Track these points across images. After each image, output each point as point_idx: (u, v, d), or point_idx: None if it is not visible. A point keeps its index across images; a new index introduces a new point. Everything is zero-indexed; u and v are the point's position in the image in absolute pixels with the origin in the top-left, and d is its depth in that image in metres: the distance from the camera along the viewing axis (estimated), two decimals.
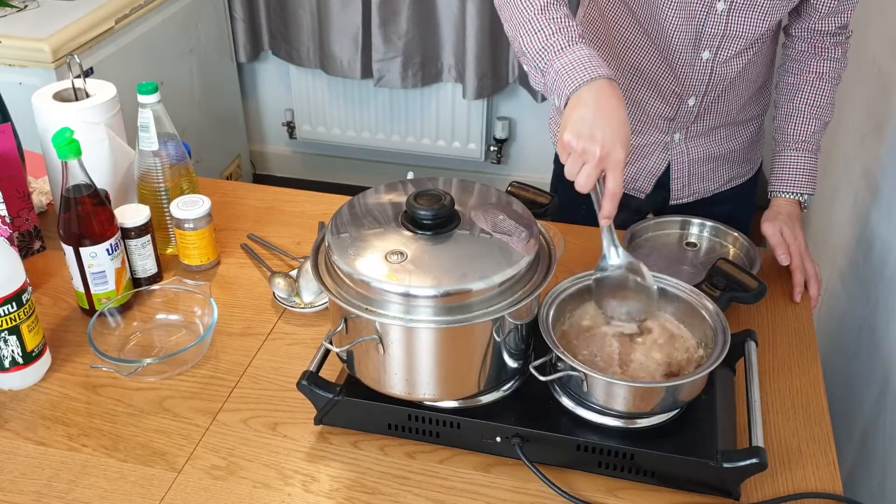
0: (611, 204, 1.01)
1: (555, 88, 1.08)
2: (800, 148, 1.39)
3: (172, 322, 1.26)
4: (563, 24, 1.10)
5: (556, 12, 1.11)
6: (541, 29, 1.10)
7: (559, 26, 1.10)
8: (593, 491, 1.00)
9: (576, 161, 1.02)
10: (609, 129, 1.01)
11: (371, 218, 1.02)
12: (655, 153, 1.47)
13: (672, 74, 1.37)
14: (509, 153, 3.08)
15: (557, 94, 1.07)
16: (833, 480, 1.02)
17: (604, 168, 1.01)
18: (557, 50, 1.08)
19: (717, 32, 1.29)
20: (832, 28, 1.36)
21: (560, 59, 1.07)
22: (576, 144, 1.01)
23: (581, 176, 1.02)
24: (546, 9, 1.11)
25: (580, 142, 1.00)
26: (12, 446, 1.07)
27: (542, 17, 1.11)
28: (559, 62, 1.07)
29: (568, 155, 1.03)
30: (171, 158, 1.35)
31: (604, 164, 1.00)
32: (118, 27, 2.23)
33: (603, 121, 1.01)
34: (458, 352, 0.99)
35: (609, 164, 1.00)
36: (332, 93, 3.00)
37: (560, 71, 1.07)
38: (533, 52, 1.11)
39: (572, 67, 1.06)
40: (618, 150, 1.00)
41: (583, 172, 1.01)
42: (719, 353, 0.98)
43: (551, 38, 1.09)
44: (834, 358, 1.68)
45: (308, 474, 1.03)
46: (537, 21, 1.11)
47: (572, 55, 1.07)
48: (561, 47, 1.08)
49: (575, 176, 1.02)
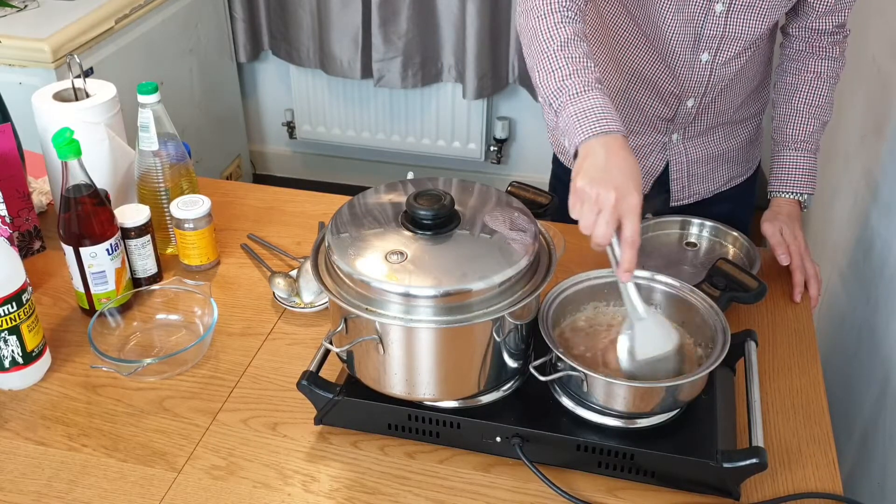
0: (630, 254, 0.97)
1: (566, 133, 1.06)
2: (799, 148, 1.39)
3: (172, 322, 1.26)
4: (580, 66, 1.07)
5: (576, 51, 1.09)
6: (558, 68, 1.08)
7: (576, 67, 1.07)
8: (593, 491, 1.00)
9: (591, 209, 0.98)
10: (621, 175, 0.98)
11: (371, 218, 1.03)
12: (653, 153, 1.47)
13: (671, 76, 1.37)
14: (509, 153, 3.08)
15: (569, 139, 1.06)
16: (833, 480, 1.02)
17: (620, 215, 0.97)
18: (572, 94, 1.06)
19: (716, 34, 1.29)
20: (829, 27, 1.36)
21: (574, 105, 1.05)
22: (590, 190, 0.98)
23: (599, 226, 0.97)
24: (566, 46, 1.09)
25: (594, 187, 0.97)
26: (12, 446, 1.07)
27: (560, 55, 1.08)
28: (573, 107, 1.05)
29: (581, 203, 0.99)
30: (171, 158, 1.35)
31: (619, 210, 0.97)
32: (118, 27, 2.23)
33: (614, 167, 0.99)
34: (458, 352, 0.99)
35: (625, 210, 0.97)
36: (332, 93, 3.00)
37: (572, 117, 1.04)
38: (548, 91, 1.09)
39: (585, 116, 1.04)
40: (633, 195, 0.97)
41: (600, 221, 0.97)
42: (719, 353, 0.98)
43: (567, 79, 1.07)
44: (834, 358, 1.68)
45: (308, 474, 1.03)
46: (555, 58, 1.09)
47: (586, 103, 1.05)
48: (576, 92, 1.06)
49: (592, 227, 0.97)
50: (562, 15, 1.11)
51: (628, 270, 0.98)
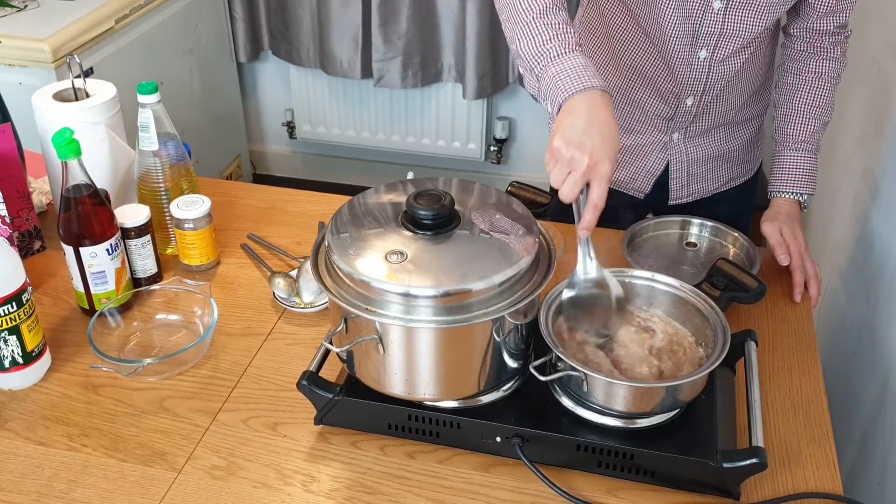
0: (592, 215, 1.01)
1: (548, 95, 1.08)
2: (799, 148, 1.39)
3: (172, 322, 1.26)
4: (560, 30, 1.10)
5: (555, 17, 1.11)
6: (538, 34, 1.10)
7: (556, 31, 1.10)
8: (593, 491, 1.00)
9: (562, 169, 1.01)
10: (599, 140, 1.00)
11: (371, 218, 1.03)
12: (654, 153, 1.47)
13: (670, 73, 1.37)
14: (509, 153, 3.08)
15: (551, 100, 1.08)
16: (833, 480, 1.02)
17: (589, 179, 1.00)
18: (553, 56, 1.08)
19: (714, 31, 1.29)
20: (831, 27, 1.36)
21: (555, 66, 1.07)
22: (564, 151, 1.00)
23: (566, 185, 1.01)
24: (545, 13, 1.11)
25: (569, 149, 1.00)
26: (12, 446, 1.07)
27: (539, 22, 1.11)
28: (554, 69, 1.07)
29: (555, 162, 1.02)
30: (171, 158, 1.35)
31: (590, 175, 1.00)
32: (118, 27, 2.23)
33: (594, 131, 1.01)
34: (458, 352, 0.99)
35: (595, 175, 1.00)
36: (332, 93, 3.00)
37: (554, 78, 1.07)
38: (529, 57, 1.11)
39: (566, 75, 1.06)
40: (605, 163, 1.00)
41: (568, 181, 1.00)
42: (719, 353, 0.98)
43: (548, 43, 1.09)
44: (834, 358, 1.68)
45: (308, 474, 1.03)
46: (535, 25, 1.11)
47: (567, 63, 1.07)
48: (556, 54, 1.08)
49: (560, 184, 1.02)
50: None
51: (587, 228, 1.02)
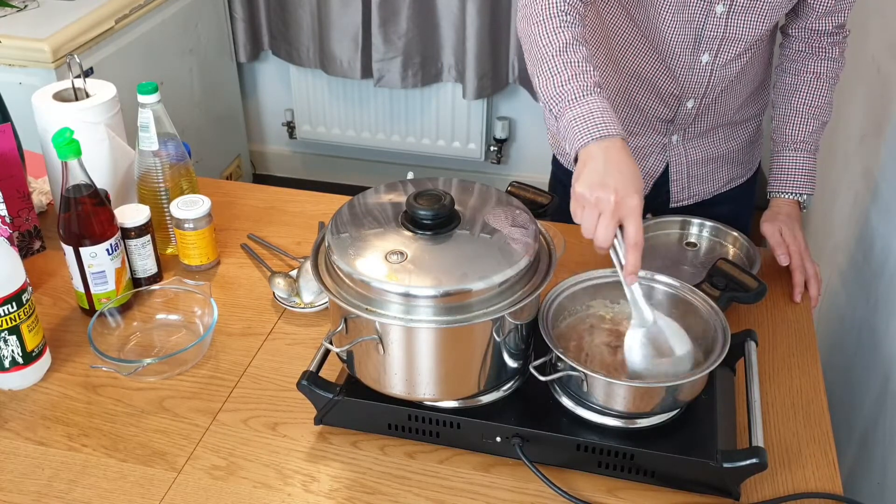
0: (634, 256, 0.97)
1: (566, 137, 1.06)
2: (798, 148, 1.39)
3: (172, 322, 1.26)
4: (579, 70, 1.08)
5: (574, 55, 1.09)
6: (557, 73, 1.08)
7: (575, 72, 1.07)
8: (593, 491, 1.00)
9: (591, 213, 0.99)
10: (621, 178, 0.99)
11: (371, 218, 1.02)
12: (653, 154, 1.47)
13: (671, 77, 1.36)
14: (509, 153, 3.08)
15: (569, 144, 1.06)
16: (833, 480, 1.02)
17: (621, 217, 0.98)
18: (571, 99, 1.06)
19: (717, 35, 1.29)
20: (829, 28, 1.36)
21: (573, 110, 1.05)
22: (589, 195, 0.98)
23: (599, 229, 0.98)
24: (564, 51, 1.09)
25: (593, 191, 0.98)
26: (12, 446, 1.07)
27: (559, 60, 1.09)
28: (571, 113, 1.05)
29: (582, 209, 1.00)
30: (171, 158, 1.35)
31: (620, 213, 0.97)
32: (118, 27, 2.23)
33: (614, 171, 0.99)
34: (458, 352, 0.99)
35: (625, 212, 0.97)
36: (332, 93, 3.00)
37: (571, 122, 1.05)
38: (548, 96, 1.09)
39: (584, 121, 1.04)
40: (633, 196, 0.98)
41: (601, 225, 0.98)
42: (719, 353, 0.98)
43: (566, 84, 1.07)
44: (834, 358, 1.68)
45: (308, 474, 1.03)
46: (554, 63, 1.09)
47: (585, 108, 1.05)
48: (575, 97, 1.06)
49: (593, 231, 0.99)
50: (560, 20, 1.11)
51: (633, 273, 0.98)
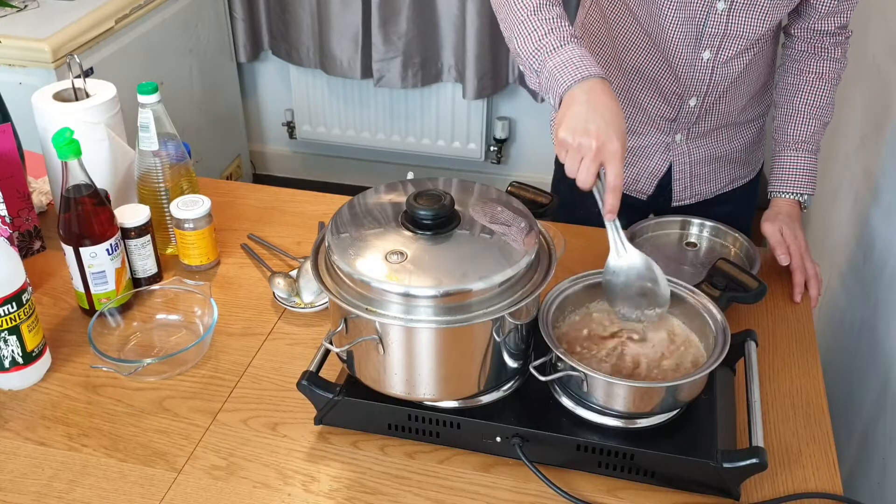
0: (613, 197, 1.02)
1: (549, 88, 1.10)
2: (799, 148, 1.39)
3: (172, 322, 1.26)
4: (555, 24, 1.12)
5: (549, 13, 1.13)
6: (534, 29, 1.12)
7: (552, 26, 1.11)
8: (593, 491, 1.00)
9: (574, 157, 1.03)
10: (603, 122, 1.02)
11: (371, 218, 1.02)
12: (657, 154, 1.47)
13: (673, 75, 1.36)
14: (509, 153, 3.08)
15: (552, 93, 1.09)
16: (833, 480, 1.02)
17: (602, 161, 1.02)
18: (550, 50, 1.10)
19: (718, 32, 1.29)
20: (832, 28, 1.36)
21: (552, 60, 1.09)
22: (571, 140, 1.02)
23: (581, 171, 1.03)
24: (539, 9, 1.13)
25: (575, 136, 1.02)
26: (12, 446, 1.07)
27: (535, 18, 1.12)
28: (552, 62, 1.09)
29: (566, 152, 1.04)
30: (171, 158, 1.35)
31: (601, 156, 1.01)
32: (118, 27, 2.23)
33: (596, 115, 1.03)
34: (458, 352, 0.99)
35: (606, 156, 1.01)
36: (332, 93, 3.00)
37: (553, 71, 1.08)
38: (527, 53, 1.12)
39: (564, 67, 1.07)
40: (613, 141, 1.01)
41: (582, 167, 1.02)
42: (719, 353, 0.98)
43: (544, 38, 1.11)
44: (834, 358, 1.68)
45: (308, 474, 1.03)
46: (531, 22, 1.12)
47: (564, 55, 1.09)
48: (553, 47, 1.10)
49: (575, 173, 1.03)
50: None
51: (612, 211, 1.03)
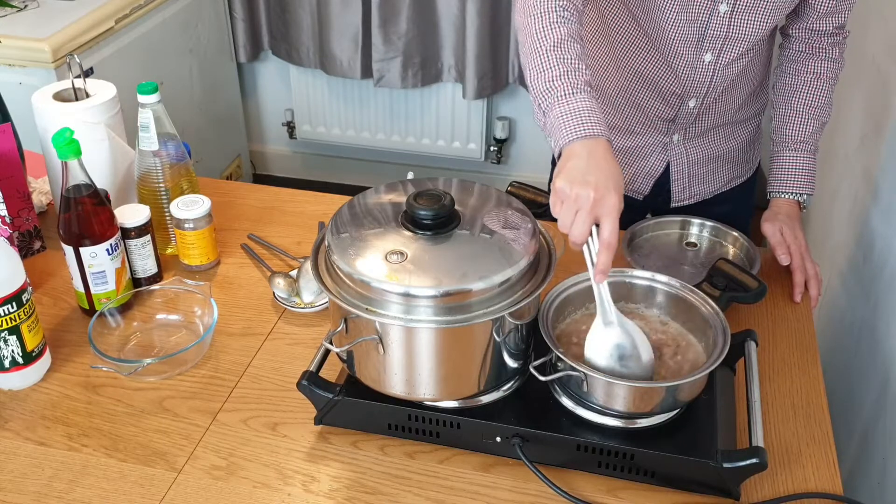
0: (606, 256, 0.97)
1: (552, 133, 1.07)
2: (798, 149, 1.39)
3: (172, 322, 1.26)
4: (571, 67, 1.07)
5: (568, 52, 1.08)
6: (549, 68, 1.08)
7: (567, 68, 1.07)
8: (593, 491, 1.00)
9: (569, 209, 0.99)
10: (602, 176, 0.99)
11: (371, 218, 1.02)
12: (654, 154, 1.47)
13: (673, 77, 1.36)
14: (509, 153, 3.08)
15: (554, 140, 1.06)
16: (833, 480, 1.02)
17: (598, 215, 0.98)
18: (560, 96, 1.06)
19: (720, 34, 1.29)
20: (830, 28, 1.36)
21: (560, 107, 1.05)
22: (569, 190, 0.99)
23: (575, 225, 0.98)
24: (558, 46, 1.09)
25: (574, 187, 0.98)
26: (12, 446, 1.07)
27: (552, 55, 1.08)
28: (559, 109, 1.05)
29: (561, 203, 1.00)
30: (171, 158, 1.35)
31: (598, 210, 0.97)
32: (118, 27, 2.23)
33: (595, 168, 1.00)
34: (458, 352, 0.99)
35: (604, 210, 0.97)
36: (332, 93, 3.00)
37: (559, 118, 1.05)
38: (537, 91, 1.09)
39: (570, 119, 1.04)
40: (612, 195, 0.98)
41: (577, 220, 0.98)
42: (719, 353, 0.98)
43: (557, 80, 1.07)
44: (834, 358, 1.68)
45: (308, 474, 1.03)
46: (548, 58, 1.08)
47: (573, 105, 1.05)
48: (564, 94, 1.06)
49: (569, 227, 0.99)
50: (558, 15, 1.11)
51: (603, 272, 0.98)
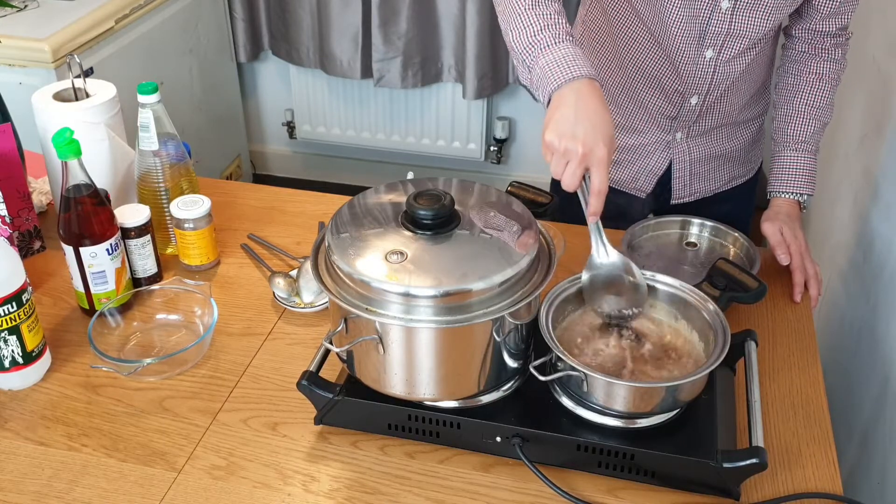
0: (597, 201, 1.03)
1: (539, 85, 1.10)
2: (799, 149, 1.39)
3: (172, 322, 1.26)
4: (551, 21, 1.11)
5: (547, 8, 1.12)
6: (529, 24, 1.11)
7: (548, 22, 1.11)
8: (593, 491, 1.00)
9: (559, 160, 1.03)
10: (591, 127, 1.02)
11: (371, 218, 1.02)
12: (657, 152, 1.47)
13: (675, 73, 1.36)
14: (509, 153, 3.08)
15: (541, 91, 1.09)
16: (833, 480, 1.02)
17: (588, 166, 1.02)
18: (543, 47, 1.09)
19: (722, 31, 1.29)
20: (832, 29, 1.36)
21: (545, 57, 1.09)
22: (557, 144, 1.02)
23: (566, 175, 1.03)
24: (537, 4, 1.12)
25: (562, 141, 1.02)
26: (12, 446, 1.07)
27: (532, 13, 1.12)
28: (543, 59, 1.09)
29: (551, 154, 1.04)
30: (171, 158, 1.35)
31: (587, 162, 1.02)
32: (118, 27, 2.23)
33: (584, 119, 1.02)
34: (458, 352, 0.99)
35: (592, 162, 1.02)
36: (332, 93, 3.00)
37: (544, 68, 1.08)
38: (521, 48, 1.12)
39: (556, 65, 1.07)
40: (600, 147, 1.01)
41: (567, 171, 1.03)
42: (719, 353, 0.98)
43: (539, 34, 1.10)
44: (834, 358, 1.68)
45: (308, 474, 1.03)
46: (527, 16, 1.12)
47: (557, 53, 1.08)
48: (547, 44, 1.09)
49: (560, 175, 1.04)
50: None
51: (594, 213, 1.04)
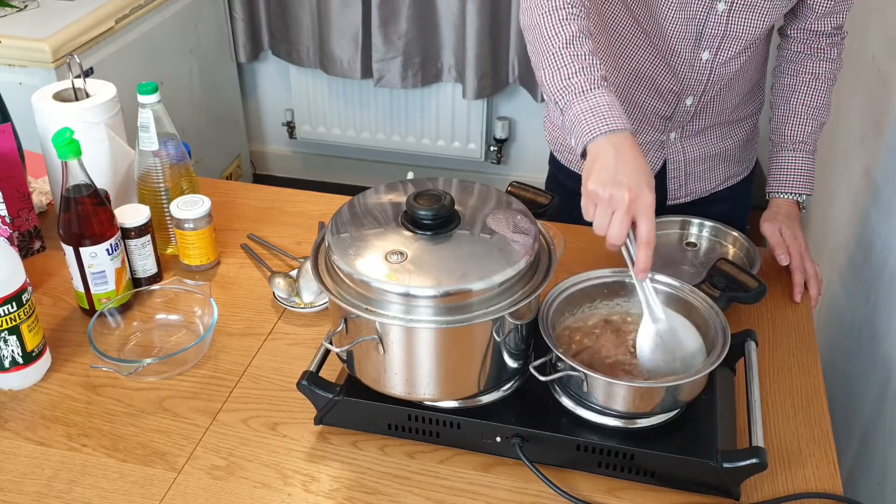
0: (645, 254, 0.98)
1: (573, 131, 1.06)
2: (797, 149, 1.39)
3: (172, 322, 1.26)
4: (586, 63, 1.07)
5: (581, 48, 1.08)
6: (563, 65, 1.08)
7: (583, 65, 1.07)
8: (593, 491, 1.00)
9: (605, 210, 0.98)
10: (633, 174, 0.99)
11: (371, 218, 1.03)
12: (651, 152, 1.47)
13: (671, 74, 1.36)
14: (509, 153, 3.08)
15: (575, 138, 1.06)
16: (833, 480, 1.02)
17: (634, 214, 0.98)
18: (578, 92, 1.06)
19: (718, 33, 1.29)
20: (828, 29, 1.36)
21: (580, 104, 1.05)
22: (602, 192, 0.98)
23: (613, 226, 0.98)
24: (571, 43, 1.09)
25: (606, 188, 0.98)
26: (12, 446, 1.07)
27: (566, 52, 1.08)
28: (578, 106, 1.05)
29: (594, 206, 1.00)
30: (171, 158, 1.35)
31: (634, 209, 0.97)
32: (118, 27, 2.23)
33: (625, 167, 0.99)
34: (458, 352, 0.99)
35: (639, 209, 0.97)
36: (332, 93, 3.00)
37: (579, 116, 1.04)
38: (554, 89, 1.09)
39: (591, 114, 1.04)
40: (646, 193, 0.98)
41: (614, 221, 0.98)
42: (719, 353, 0.98)
43: (573, 77, 1.07)
44: (834, 358, 1.68)
45: (308, 474, 1.03)
46: (561, 56, 1.08)
47: (592, 101, 1.05)
48: (582, 90, 1.06)
49: (606, 228, 0.99)
50: (567, 12, 1.11)
51: (644, 270, 0.99)
